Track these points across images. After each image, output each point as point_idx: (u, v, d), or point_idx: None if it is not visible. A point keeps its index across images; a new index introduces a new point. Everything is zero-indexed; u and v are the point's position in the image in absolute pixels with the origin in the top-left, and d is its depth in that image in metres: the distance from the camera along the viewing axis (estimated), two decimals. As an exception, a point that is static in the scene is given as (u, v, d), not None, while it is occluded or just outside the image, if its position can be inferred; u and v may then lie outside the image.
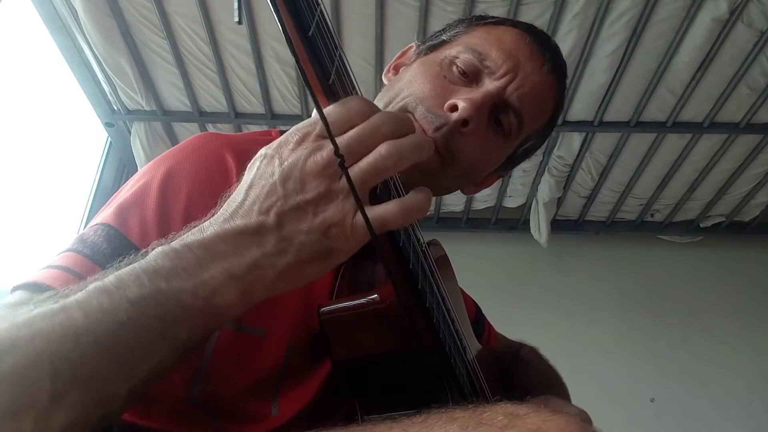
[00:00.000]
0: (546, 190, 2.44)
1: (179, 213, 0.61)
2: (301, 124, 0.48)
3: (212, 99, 2.12)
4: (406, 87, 0.73)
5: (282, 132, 0.78)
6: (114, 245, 0.58)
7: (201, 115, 2.18)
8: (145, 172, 0.66)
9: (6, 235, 1.70)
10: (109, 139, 2.33)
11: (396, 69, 0.83)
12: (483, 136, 0.72)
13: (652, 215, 2.67)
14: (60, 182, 2.04)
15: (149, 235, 0.59)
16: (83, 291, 0.46)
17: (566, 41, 1.84)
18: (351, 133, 0.46)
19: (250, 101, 2.11)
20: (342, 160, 0.44)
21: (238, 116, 2.17)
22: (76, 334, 0.43)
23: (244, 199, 0.47)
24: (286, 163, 0.46)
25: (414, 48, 0.84)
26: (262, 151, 0.49)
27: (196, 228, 0.48)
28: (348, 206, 0.45)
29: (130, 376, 0.45)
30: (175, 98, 2.13)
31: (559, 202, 2.59)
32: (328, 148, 0.45)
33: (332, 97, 0.47)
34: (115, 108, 2.17)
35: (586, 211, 2.64)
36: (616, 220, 2.70)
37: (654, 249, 2.76)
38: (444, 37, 0.79)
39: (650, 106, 2.07)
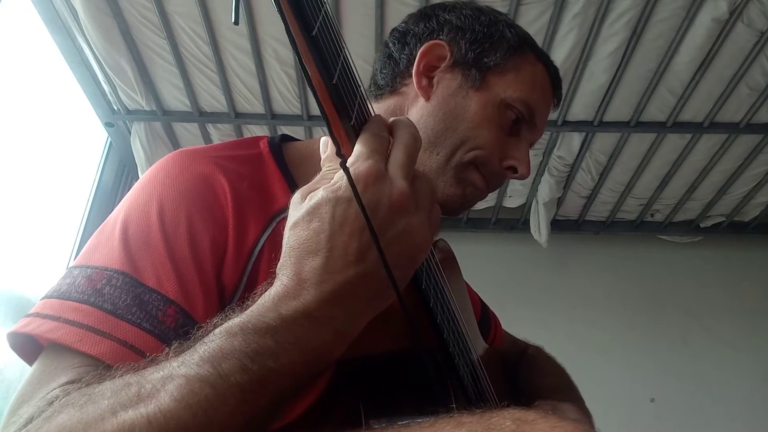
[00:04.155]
0: (546, 190, 2.44)
1: (185, 243, 0.62)
2: (353, 159, 0.49)
3: (212, 99, 2.12)
4: (472, 135, 0.76)
5: (271, 139, 0.76)
6: (133, 293, 0.58)
7: (201, 115, 2.17)
8: (136, 204, 0.65)
9: (6, 236, 1.70)
10: (109, 139, 2.32)
11: (427, 72, 0.78)
12: None
13: (652, 215, 2.67)
14: (60, 182, 2.04)
15: (165, 276, 0.60)
16: (175, 386, 0.46)
17: (566, 41, 1.84)
18: (401, 160, 0.50)
19: (250, 101, 2.11)
20: (346, 166, 0.46)
21: (238, 116, 2.16)
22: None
23: (330, 250, 0.47)
24: (369, 201, 0.47)
25: (447, 51, 0.78)
26: (322, 193, 0.49)
27: (282, 293, 0.48)
28: (429, 223, 0.52)
29: None
30: (175, 98, 2.13)
31: (559, 202, 2.59)
32: (398, 182, 0.48)
33: (336, 96, 0.47)
34: (115, 108, 2.17)
35: (586, 211, 2.64)
36: (616, 220, 2.70)
37: (654, 249, 2.76)
38: (491, 61, 0.77)
39: (650, 106, 2.07)
